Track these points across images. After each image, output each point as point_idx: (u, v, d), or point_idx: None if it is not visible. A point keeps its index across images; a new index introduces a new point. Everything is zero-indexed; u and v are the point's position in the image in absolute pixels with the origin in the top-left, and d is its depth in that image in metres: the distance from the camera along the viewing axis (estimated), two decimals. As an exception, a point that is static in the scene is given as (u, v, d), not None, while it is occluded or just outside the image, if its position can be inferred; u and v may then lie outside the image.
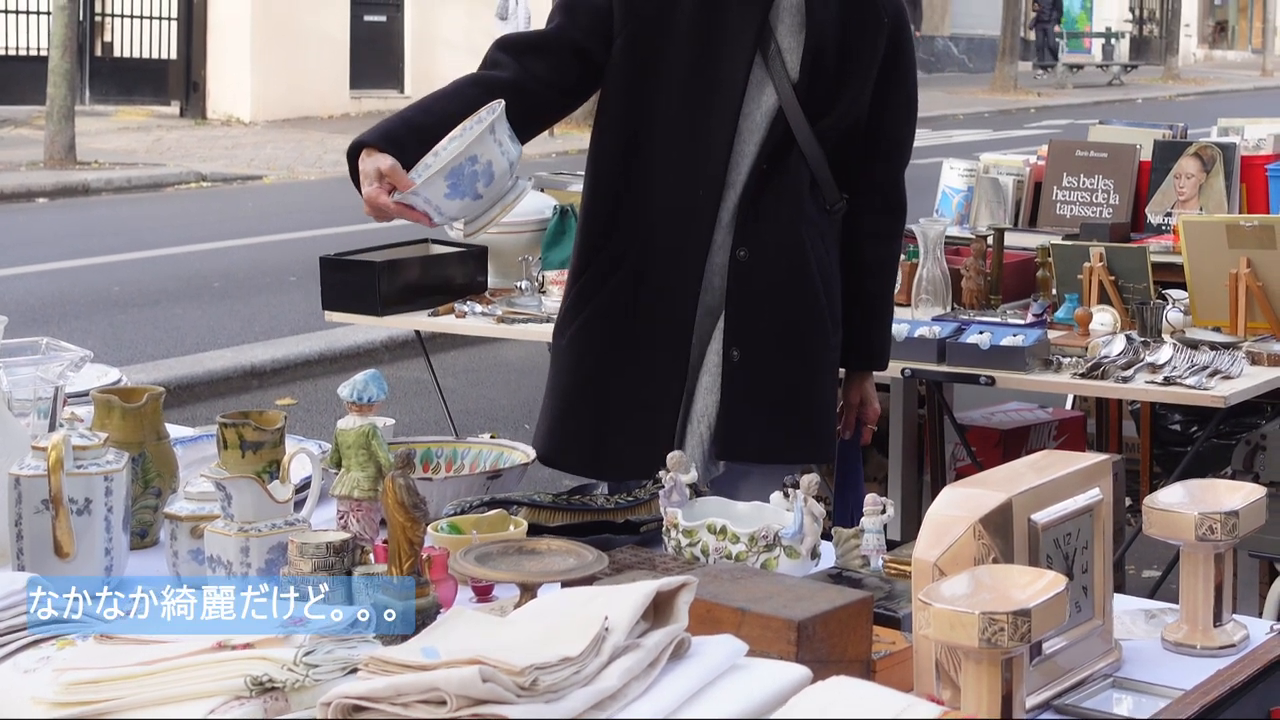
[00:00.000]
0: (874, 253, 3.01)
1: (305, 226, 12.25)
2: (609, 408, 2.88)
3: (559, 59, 2.82)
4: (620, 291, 2.88)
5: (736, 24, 2.81)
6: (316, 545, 2.00)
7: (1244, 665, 1.93)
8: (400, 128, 2.68)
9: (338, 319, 4.54)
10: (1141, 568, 5.06)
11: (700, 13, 2.81)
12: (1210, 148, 4.89)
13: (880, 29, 2.89)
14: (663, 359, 2.86)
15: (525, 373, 7.95)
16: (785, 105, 2.81)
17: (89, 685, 1.63)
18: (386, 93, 22.32)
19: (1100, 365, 3.66)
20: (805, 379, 2.91)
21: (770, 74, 2.82)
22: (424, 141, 2.65)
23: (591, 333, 2.91)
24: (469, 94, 2.74)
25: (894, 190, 3.02)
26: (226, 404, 7.42)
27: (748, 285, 2.84)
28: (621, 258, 2.88)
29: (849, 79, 2.86)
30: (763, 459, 2.88)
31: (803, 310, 2.88)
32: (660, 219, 2.85)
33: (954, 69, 32.65)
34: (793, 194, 2.84)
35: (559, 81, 2.82)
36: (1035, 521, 1.85)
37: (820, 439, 2.97)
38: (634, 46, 2.82)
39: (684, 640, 1.66)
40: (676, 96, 2.82)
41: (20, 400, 2.52)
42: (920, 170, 4.18)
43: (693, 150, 2.83)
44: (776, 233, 2.84)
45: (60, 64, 15.25)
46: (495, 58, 2.82)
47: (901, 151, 3.02)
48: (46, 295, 9.54)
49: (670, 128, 2.83)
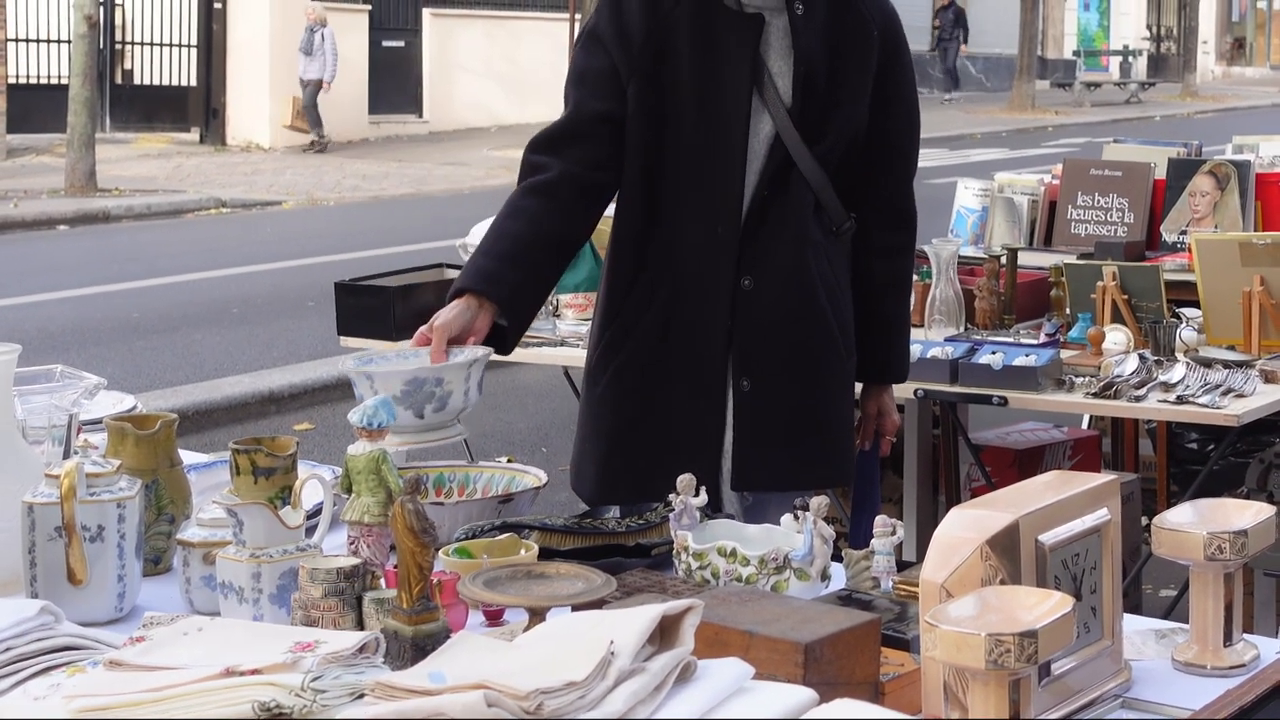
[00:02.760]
0: (884, 269, 3.00)
1: (324, 252, 12.29)
2: (653, 448, 2.88)
3: (593, 135, 2.85)
4: (651, 334, 2.88)
5: (731, 61, 2.82)
6: (327, 571, 2.01)
7: (1254, 685, 1.92)
8: (490, 264, 2.75)
9: (353, 344, 4.56)
10: (1159, 587, 5.04)
11: (696, 55, 2.82)
12: (1225, 165, 4.88)
13: (870, 42, 2.88)
14: (697, 394, 2.86)
15: (541, 396, 7.97)
16: (782, 131, 2.82)
17: (98, 712, 1.64)
18: (405, 118, 22.42)
19: (1113, 385, 3.66)
20: (818, 404, 2.91)
21: (765, 102, 2.82)
22: (517, 265, 2.76)
23: (624, 379, 2.91)
24: (529, 207, 2.81)
25: (902, 202, 3.00)
26: (244, 429, 7.44)
27: (754, 314, 2.84)
28: (649, 301, 2.88)
29: (842, 97, 2.85)
30: (779, 487, 2.88)
31: (811, 336, 2.88)
32: (683, 259, 2.86)
33: (971, 88, 32.66)
34: (795, 219, 2.85)
35: (602, 157, 2.85)
36: (1043, 542, 1.84)
37: (837, 462, 2.97)
38: (641, 99, 2.84)
39: (690, 664, 1.66)
40: (686, 139, 2.84)
41: (35, 428, 2.54)
42: (935, 190, 4.19)
43: (708, 189, 2.84)
44: (780, 259, 2.84)
45: (81, 92, 15.35)
46: (534, 161, 2.86)
47: (907, 162, 3.01)
48: (67, 322, 9.59)
49: (683, 170, 2.85)
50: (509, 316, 2.74)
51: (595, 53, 2.86)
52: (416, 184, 17.26)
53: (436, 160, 19.19)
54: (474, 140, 20.88)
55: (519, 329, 2.78)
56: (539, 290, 2.84)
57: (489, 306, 2.71)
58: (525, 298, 2.79)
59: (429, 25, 22.75)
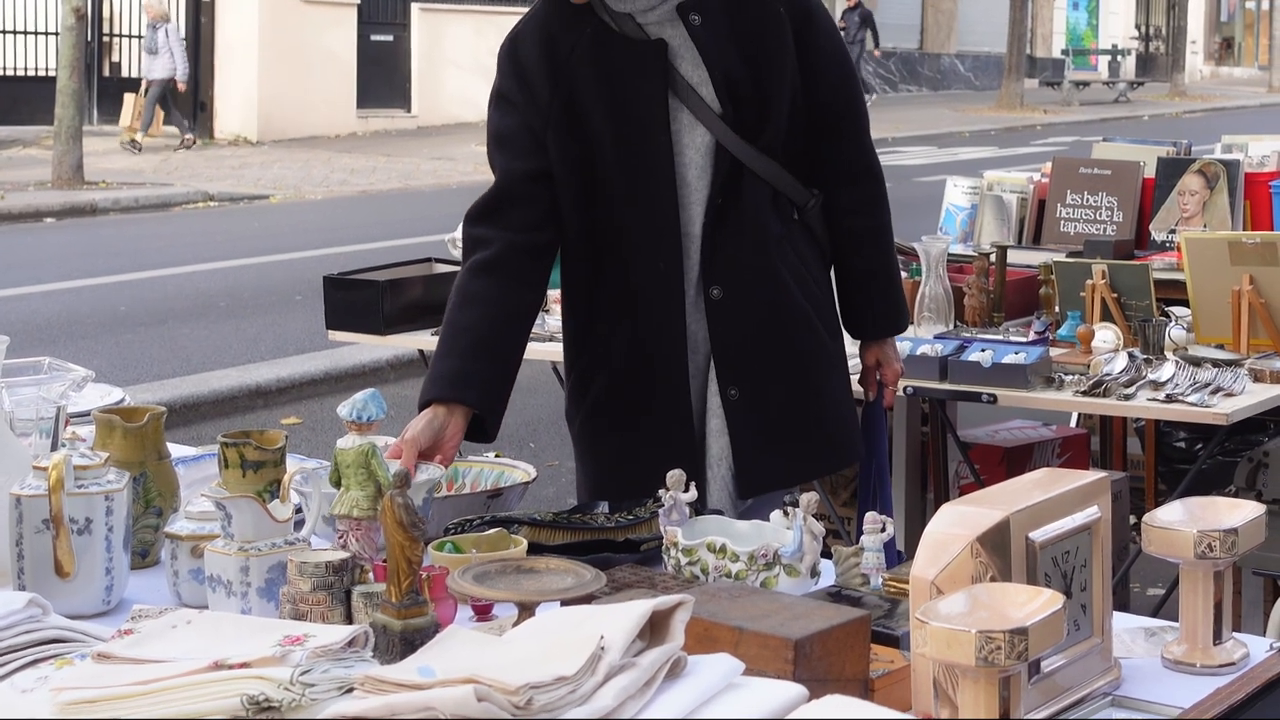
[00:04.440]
0: (857, 225, 2.96)
1: (311, 246, 12.27)
2: (635, 479, 2.84)
3: (525, 196, 2.81)
4: (616, 373, 2.87)
5: (642, 91, 2.78)
6: (315, 564, 2.00)
7: (1243, 684, 1.92)
8: (453, 365, 2.70)
9: (341, 338, 4.55)
10: (1146, 586, 5.05)
11: (605, 94, 2.79)
12: (1214, 164, 4.89)
13: (778, 21, 2.82)
14: (668, 421, 2.85)
15: (529, 392, 7.95)
16: (720, 137, 2.79)
17: (86, 705, 1.63)
18: (393, 112, 22.38)
19: (1102, 383, 3.66)
20: (810, 396, 2.90)
21: (693, 113, 2.79)
22: (479, 357, 2.71)
23: (598, 421, 2.91)
24: (479, 291, 2.77)
25: (861, 158, 2.96)
26: (231, 423, 7.43)
27: (728, 323, 2.83)
28: (610, 336, 2.87)
29: (768, 86, 2.81)
30: (788, 485, 2.88)
31: (789, 332, 2.86)
32: (635, 287, 2.84)
33: (960, 86, 32.68)
34: (752, 220, 2.82)
35: (539, 217, 2.82)
36: (1033, 540, 1.84)
37: (842, 444, 2.96)
38: (562, 149, 2.80)
39: (680, 659, 1.66)
40: (613, 178, 2.81)
41: (22, 420, 2.53)
42: (924, 188, 4.19)
43: (646, 220, 2.81)
44: (744, 261, 2.82)
45: (68, 84, 15.31)
46: (475, 235, 2.82)
47: (856, 120, 2.95)
48: (53, 315, 9.57)
49: (616, 210, 2.82)
50: (484, 410, 2.70)
51: (507, 113, 2.83)
52: (404, 178, 17.24)
53: (425, 155, 19.17)
54: (462, 135, 20.85)
55: (497, 417, 2.74)
56: (509, 373, 2.78)
57: (459, 411, 2.65)
58: (496, 388, 2.73)
59: (418, 20, 22.71)
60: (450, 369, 2.70)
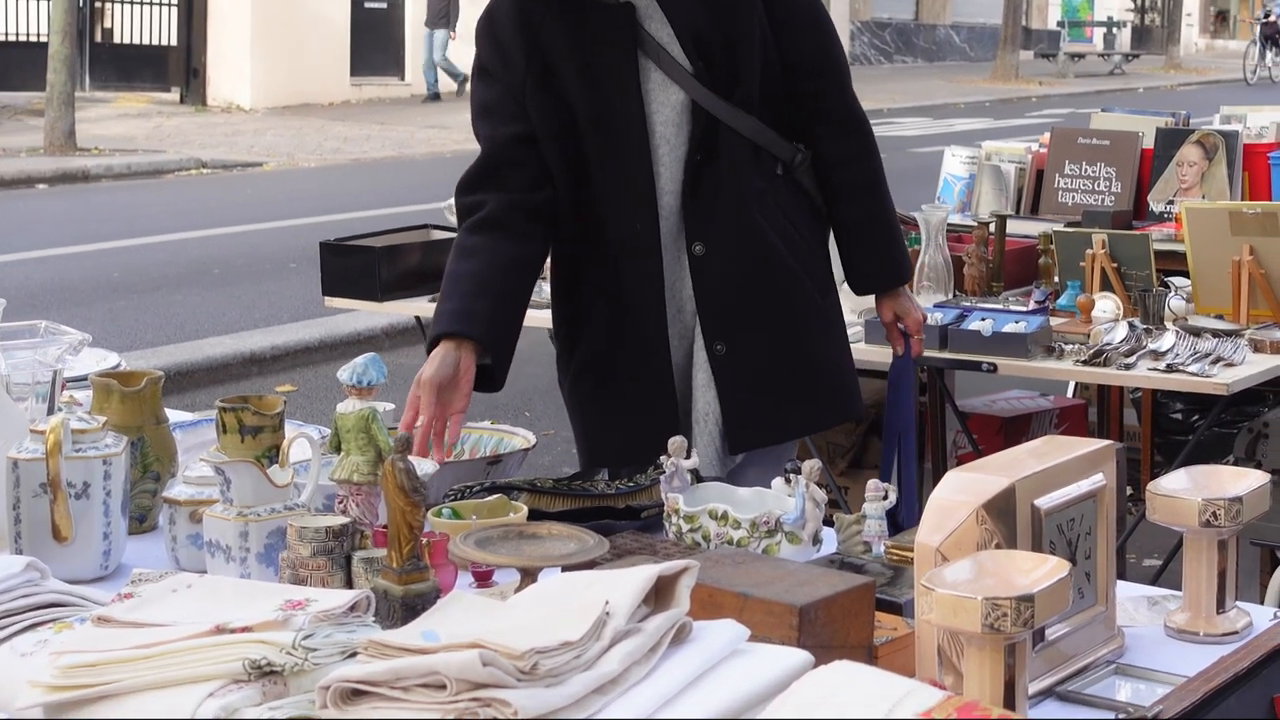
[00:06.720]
0: (847, 178, 2.93)
1: (305, 213, 12.24)
2: (626, 438, 2.86)
3: (517, 159, 2.81)
4: (598, 334, 2.87)
5: (612, 51, 2.78)
6: (315, 530, 1.99)
7: (1247, 652, 1.92)
8: (455, 304, 2.70)
9: (338, 305, 4.53)
10: (1142, 556, 5.05)
11: (579, 57, 2.79)
12: (1212, 135, 4.88)
13: None
14: (649, 381, 2.85)
15: (525, 360, 7.90)
16: (693, 94, 2.78)
17: (86, 668, 1.62)
18: (387, 80, 22.30)
19: (1102, 352, 3.65)
20: (799, 351, 2.88)
21: (665, 72, 2.78)
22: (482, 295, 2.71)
23: (584, 382, 2.92)
24: (478, 243, 2.77)
25: (844, 110, 2.93)
26: (226, 390, 7.41)
27: (712, 278, 2.82)
28: (592, 298, 2.87)
29: (737, 38, 2.79)
30: (778, 439, 2.87)
31: (775, 286, 2.85)
32: (614, 248, 2.83)
33: (955, 58, 32.60)
34: (730, 174, 2.81)
35: (535, 177, 2.82)
36: (1039, 507, 1.84)
37: (837, 399, 2.94)
38: (542, 116, 2.80)
39: (685, 625, 1.65)
40: (592, 142, 2.80)
41: (19, 384, 2.52)
42: (920, 158, 4.18)
43: (620, 173, 2.81)
44: (725, 217, 2.81)
45: (60, 50, 15.23)
46: (467, 202, 2.83)
47: (835, 71, 2.92)
48: (46, 281, 9.53)
49: (596, 172, 2.82)
50: (491, 346, 2.68)
51: (488, 84, 2.85)
52: (398, 147, 17.18)
53: (419, 123, 19.11)
54: (457, 103, 20.78)
55: (505, 359, 2.73)
56: (515, 310, 2.77)
57: (468, 345, 2.64)
58: (502, 323, 2.73)
59: (412, -13, 22.62)
60: (453, 308, 2.71)
